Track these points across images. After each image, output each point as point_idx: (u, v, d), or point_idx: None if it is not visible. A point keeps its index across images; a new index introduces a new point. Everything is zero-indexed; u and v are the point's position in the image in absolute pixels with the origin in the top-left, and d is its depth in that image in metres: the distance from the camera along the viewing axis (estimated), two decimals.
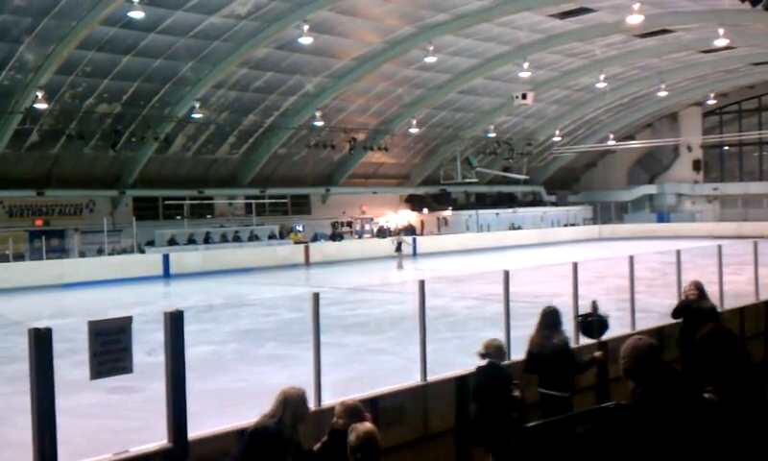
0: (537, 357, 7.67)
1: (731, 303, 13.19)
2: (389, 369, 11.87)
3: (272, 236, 40.38)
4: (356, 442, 4.72)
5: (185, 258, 34.15)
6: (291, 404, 5.24)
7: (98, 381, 5.38)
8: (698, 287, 10.02)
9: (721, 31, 31.58)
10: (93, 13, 26.13)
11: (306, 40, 29.77)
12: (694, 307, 9.78)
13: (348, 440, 4.76)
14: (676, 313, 10.30)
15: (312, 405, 6.76)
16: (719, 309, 12.74)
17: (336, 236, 43.23)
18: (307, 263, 37.91)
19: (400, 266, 34.38)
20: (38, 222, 35.29)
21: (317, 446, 5.60)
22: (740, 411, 3.90)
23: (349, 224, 47.33)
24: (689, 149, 58.43)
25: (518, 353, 8.93)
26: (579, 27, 35.56)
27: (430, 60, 34.29)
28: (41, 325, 4.90)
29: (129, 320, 5.36)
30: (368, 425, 4.90)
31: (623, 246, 37.61)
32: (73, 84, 30.89)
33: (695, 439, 3.83)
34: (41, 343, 4.85)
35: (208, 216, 41.60)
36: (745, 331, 12.47)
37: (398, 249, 36.15)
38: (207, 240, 37.71)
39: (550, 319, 7.74)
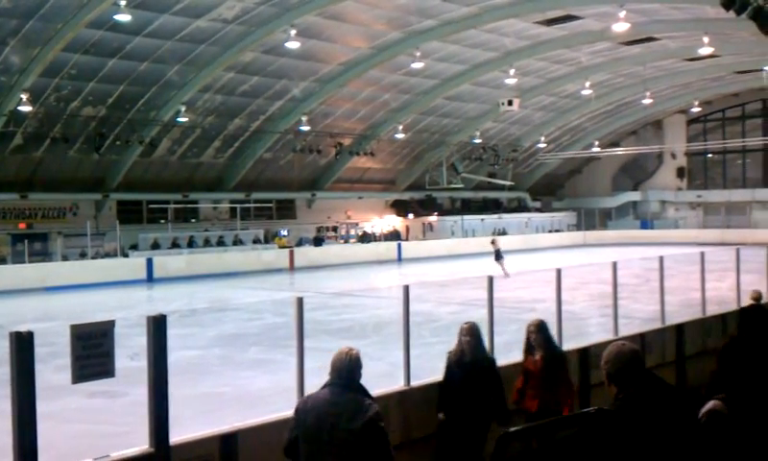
0: None
1: (713, 310, 13.27)
2: (372, 374, 11.79)
3: (256, 241, 40.30)
4: None
5: (169, 262, 34.00)
6: None
7: (80, 386, 5.35)
8: (472, 332, 7.55)
9: (706, 39, 31.78)
10: (79, 16, 26.01)
11: (293, 45, 29.76)
12: (466, 360, 7.43)
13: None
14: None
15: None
16: (701, 315, 12.87)
17: (318, 241, 43.16)
18: (292, 268, 37.85)
19: (507, 274, 28.89)
20: (21, 225, 35.05)
21: None
22: (748, 420, 3.89)
23: (335, 229, 47.32)
24: (673, 156, 58.82)
25: (501, 359, 8.95)
26: (565, 34, 35.74)
27: (417, 65, 34.35)
28: (23, 328, 4.87)
29: (111, 324, 5.33)
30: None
31: (607, 252, 37.76)
32: (58, 86, 30.72)
33: (676, 444, 3.85)
34: (23, 347, 4.82)
35: (193, 220, 41.44)
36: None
37: (498, 256, 31.28)
38: (191, 244, 37.59)
39: None
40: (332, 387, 5.03)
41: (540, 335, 7.79)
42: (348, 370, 5.05)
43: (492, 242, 33.35)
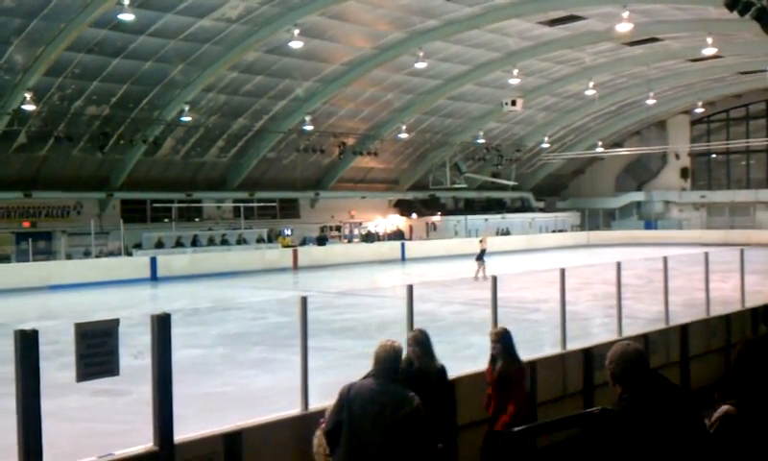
0: None
1: (717, 311, 13.26)
2: None
3: (260, 240, 40.31)
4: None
5: (173, 261, 34.02)
6: None
7: (84, 384, 5.36)
8: (418, 341, 6.77)
9: (709, 40, 31.78)
10: (83, 15, 26.04)
11: (297, 45, 29.80)
12: (413, 370, 6.55)
13: None
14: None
15: (299, 409, 6.77)
16: (705, 316, 12.85)
17: (321, 240, 43.16)
18: (295, 267, 37.86)
19: (479, 276, 26.85)
20: (25, 224, 35.10)
21: None
22: (762, 425, 3.86)
23: (338, 228, 47.33)
24: (677, 157, 58.75)
25: None
26: (568, 34, 35.70)
27: (420, 65, 34.36)
28: (27, 326, 4.88)
29: (116, 322, 5.33)
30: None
31: (610, 252, 37.72)
32: (62, 85, 30.76)
33: (681, 444, 3.85)
34: (27, 345, 4.82)
35: (196, 219, 41.46)
36: (731, 339, 12.54)
37: (480, 256, 29.52)
38: (195, 243, 37.60)
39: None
40: (376, 377, 5.24)
41: (499, 345, 7.42)
42: (392, 361, 5.30)
43: (481, 240, 31.47)
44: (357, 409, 5.17)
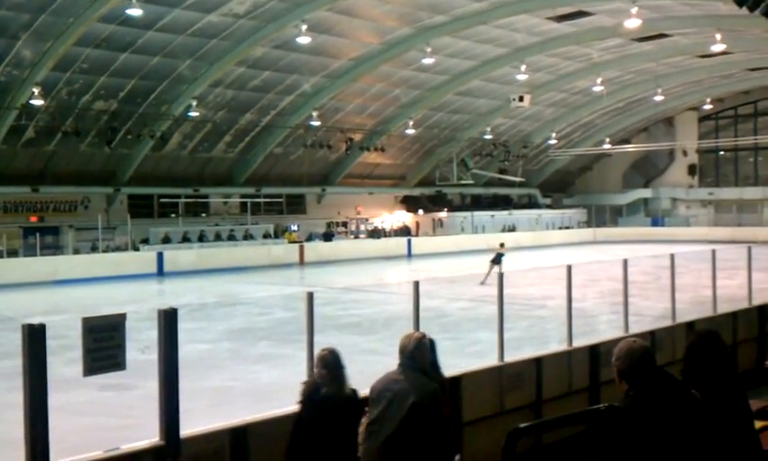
0: None
1: (723, 308, 13.23)
2: (382, 369, 11.83)
3: (266, 236, 40.34)
4: None
5: (180, 257, 34.09)
6: None
7: (91, 378, 5.37)
8: (325, 362, 5.73)
9: (718, 36, 31.67)
10: (91, 10, 26.10)
11: (304, 40, 29.78)
12: (320, 397, 5.68)
13: None
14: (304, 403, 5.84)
15: None
16: (712, 313, 12.82)
17: (327, 236, 43.18)
18: (302, 263, 37.90)
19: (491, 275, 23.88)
20: (33, 218, 35.22)
21: None
22: (721, 412, 3.98)
23: (345, 224, 47.34)
24: (685, 153, 58.59)
25: (511, 355, 8.96)
26: (576, 30, 35.63)
27: (428, 61, 34.34)
28: (35, 321, 4.89)
29: (123, 317, 5.35)
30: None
31: (617, 249, 37.65)
32: (70, 80, 30.83)
33: (687, 441, 3.85)
34: (35, 339, 4.84)
35: (203, 215, 41.53)
36: (738, 336, 12.50)
37: (497, 260, 26.02)
38: (202, 239, 37.64)
39: None
40: (399, 367, 5.45)
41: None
42: (410, 350, 5.44)
43: (502, 244, 28.04)
44: (375, 397, 5.34)
